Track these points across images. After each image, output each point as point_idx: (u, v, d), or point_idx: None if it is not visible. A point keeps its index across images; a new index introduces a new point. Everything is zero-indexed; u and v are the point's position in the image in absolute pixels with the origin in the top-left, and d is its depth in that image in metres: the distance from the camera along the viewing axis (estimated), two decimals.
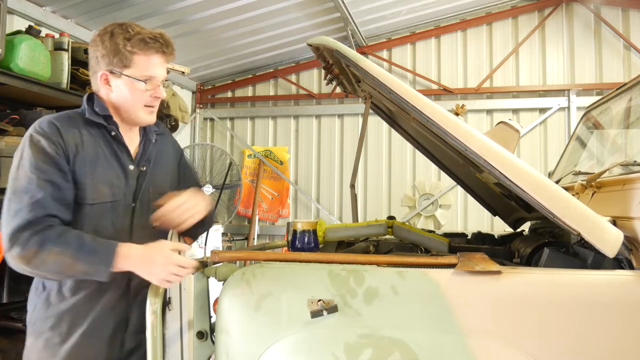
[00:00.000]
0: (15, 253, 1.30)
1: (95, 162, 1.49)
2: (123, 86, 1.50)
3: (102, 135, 1.55)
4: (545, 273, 1.36)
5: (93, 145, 1.50)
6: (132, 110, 1.54)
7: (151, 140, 1.66)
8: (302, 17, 4.79)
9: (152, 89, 1.52)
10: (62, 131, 1.45)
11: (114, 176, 1.53)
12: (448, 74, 5.38)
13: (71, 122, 1.51)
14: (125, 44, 1.46)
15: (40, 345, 1.46)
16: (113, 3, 3.95)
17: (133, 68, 1.48)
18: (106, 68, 1.50)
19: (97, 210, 1.48)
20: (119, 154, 1.56)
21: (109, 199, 1.50)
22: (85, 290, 1.47)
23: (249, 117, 5.98)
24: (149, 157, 1.64)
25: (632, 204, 1.49)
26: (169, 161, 1.73)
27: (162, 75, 1.54)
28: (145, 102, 1.53)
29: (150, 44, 1.47)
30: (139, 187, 1.58)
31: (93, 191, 1.46)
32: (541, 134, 5.12)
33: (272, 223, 5.79)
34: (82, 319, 1.47)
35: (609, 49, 4.98)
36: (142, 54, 1.48)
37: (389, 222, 2.11)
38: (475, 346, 1.30)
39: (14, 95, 3.05)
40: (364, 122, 2.39)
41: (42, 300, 1.49)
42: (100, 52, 1.49)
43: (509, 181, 1.40)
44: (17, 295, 2.63)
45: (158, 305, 1.42)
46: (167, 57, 1.54)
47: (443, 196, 5.25)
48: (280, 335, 1.40)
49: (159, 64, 1.52)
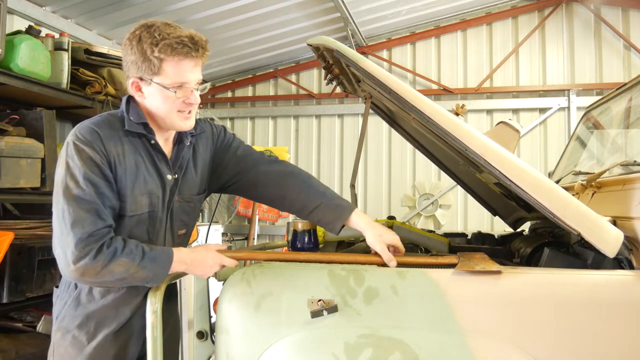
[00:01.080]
0: (83, 265, 1.28)
1: (136, 173, 1.44)
2: (155, 93, 1.42)
3: (142, 143, 1.48)
4: (546, 273, 1.36)
5: (133, 155, 1.45)
6: (167, 118, 1.46)
7: (185, 144, 1.56)
8: (302, 17, 4.79)
9: (185, 96, 1.42)
10: (104, 139, 1.39)
11: (154, 187, 1.49)
12: (448, 74, 5.38)
13: (112, 129, 1.43)
14: (152, 50, 1.36)
15: (67, 342, 1.48)
16: (113, 3, 3.95)
17: (162, 75, 1.39)
18: (136, 75, 1.42)
19: (134, 221, 1.46)
20: (157, 164, 1.50)
21: (147, 209, 1.47)
22: (115, 293, 1.48)
23: (249, 117, 5.98)
24: (181, 163, 1.56)
25: (632, 204, 1.49)
26: (200, 163, 1.63)
27: (195, 79, 1.43)
28: (179, 108, 1.44)
29: (178, 49, 1.36)
30: (172, 195, 1.54)
31: (133, 203, 1.43)
32: (541, 134, 5.12)
33: (272, 223, 5.79)
34: (110, 321, 1.48)
35: (609, 49, 4.98)
36: (170, 60, 1.37)
37: (389, 222, 2.10)
38: (475, 346, 1.30)
39: (14, 95, 3.06)
40: (364, 122, 2.38)
41: (73, 298, 1.50)
42: (129, 58, 1.41)
43: (509, 181, 1.40)
44: (17, 295, 2.63)
45: (158, 305, 1.42)
46: (199, 60, 1.43)
47: (443, 196, 5.25)
48: (280, 335, 1.41)
49: (189, 69, 1.41)
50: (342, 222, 1.56)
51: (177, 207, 1.56)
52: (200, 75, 1.46)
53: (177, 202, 1.55)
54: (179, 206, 1.56)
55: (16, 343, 2.68)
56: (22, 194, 2.76)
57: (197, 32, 1.43)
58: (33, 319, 2.88)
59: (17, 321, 2.86)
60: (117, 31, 4.46)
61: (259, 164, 1.69)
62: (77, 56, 3.28)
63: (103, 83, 3.34)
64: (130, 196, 1.42)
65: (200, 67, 1.45)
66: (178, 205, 1.56)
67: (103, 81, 3.35)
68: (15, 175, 2.67)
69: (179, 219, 1.57)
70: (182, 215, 1.58)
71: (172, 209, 1.55)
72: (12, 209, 3.11)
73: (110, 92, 3.39)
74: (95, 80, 3.32)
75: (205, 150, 1.65)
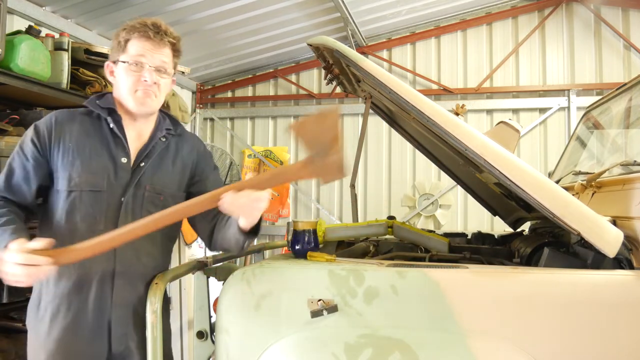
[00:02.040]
0: None
1: (78, 153, 1.53)
2: (120, 72, 1.58)
3: (99, 127, 1.60)
4: (546, 273, 1.36)
5: (82, 136, 1.56)
6: (124, 96, 1.58)
7: (158, 137, 1.65)
8: (302, 17, 4.79)
9: (137, 70, 1.55)
10: (55, 122, 1.56)
11: (99, 167, 1.54)
12: (448, 74, 5.38)
13: (70, 113, 1.61)
14: (121, 33, 1.58)
15: (31, 338, 1.54)
16: (113, 3, 3.95)
17: (126, 53, 1.57)
18: (110, 59, 1.62)
19: (74, 198, 1.51)
20: (111, 146, 1.57)
21: (88, 188, 1.51)
22: (66, 281, 1.50)
23: (249, 117, 5.98)
24: (150, 153, 1.62)
25: (632, 204, 1.49)
26: (179, 163, 1.69)
27: (154, 62, 1.57)
28: (135, 87, 1.56)
29: (139, 30, 1.56)
30: (132, 181, 1.56)
31: (68, 179, 1.51)
32: (541, 134, 5.12)
33: (272, 223, 5.79)
34: (63, 314, 1.49)
35: (609, 49, 4.98)
36: (133, 40, 1.56)
37: (389, 222, 2.10)
38: (475, 346, 1.30)
39: (14, 95, 3.05)
40: (364, 122, 2.39)
41: (33, 298, 1.56)
42: (111, 49, 1.61)
43: (509, 181, 1.40)
44: (17, 295, 2.62)
45: (158, 305, 1.42)
46: (161, 44, 1.58)
47: (443, 196, 5.25)
48: (280, 335, 1.41)
49: (148, 49, 1.56)
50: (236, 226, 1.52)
51: (146, 196, 1.58)
52: (164, 64, 1.59)
53: (147, 190, 1.58)
54: (147, 195, 1.58)
55: (16, 343, 2.68)
56: None
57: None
58: None
59: (17, 321, 2.86)
60: None
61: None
62: (77, 56, 3.28)
63: (103, 83, 3.34)
64: (65, 172, 1.52)
65: (162, 54, 1.59)
66: (147, 194, 1.58)
67: (103, 81, 3.35)
68: None
69: (146, 209, 1.56)
70: (149, 206, 1.58)
71: (137, 196, 1.57)
72: None
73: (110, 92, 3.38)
74: (96, 80, 3.32)
75: (187, 154, 1.72)
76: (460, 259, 1.93)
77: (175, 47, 1.66)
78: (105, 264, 1.50)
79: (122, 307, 1.53)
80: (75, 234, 1.47)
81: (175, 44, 1.65)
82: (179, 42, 1.67)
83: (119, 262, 1.52)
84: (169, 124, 1.70)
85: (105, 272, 1.51)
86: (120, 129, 1.59)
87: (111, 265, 1.51)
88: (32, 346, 1.53)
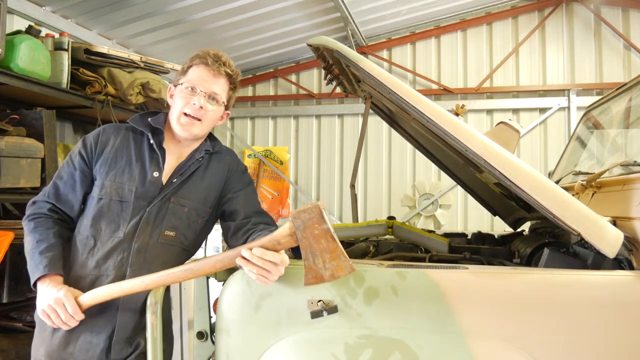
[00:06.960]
0: (23, 219, 1.63)
1: (115, 164, 1.62)
2: (175, 94, 1.68)
3: (140, 142, 1.67)
4: (546, 273, 1.36)
5: (122, 148, 1.65)
6: (172, 120, 1.65)
7: (195, 157, 1.69)
8: (302, 17, 4.79)
9: (190, 94, 1.62)
10: (101, 134, 1.67)
11: (129, 178, 1.60)
12: (448, 74, 5.38)
13: (117, 127, 1.71)
14: (188, 60, 1.68)
15: (35, 334, 1.60)
16: (113, 3, 3.95)
17: (185, 77, 1.66)
18: (172, 83, 1.71)
19: (101, 205, 1.58)
20: (145, 160, 1.64)
21: (115, 198, 1.58)
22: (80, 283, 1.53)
23: (249, 117, 5.98)
24: (185, 171, 1.66)
25: (632, 204, 1.49)
26: (207, 178, 1.71)
27: (208, 88, 1.63)
28: (184, 109, 1.62)
29: (200, 57, 1.65)
30: (160, 195, 1.60)
31: (102, 187, 1.59)
32: (541, 134, 5.12)
33: None
34: None
35: (609, 49, 4.98)
36: (194, 67, 1.66)
37: (389, 222, 2.11)
38: (475, 346, 1.30)
39: (14, 95, 3.06)
40: (364, 122, 2.39)
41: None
42: (177, 74, 1.72)
43: (509, 181, 1.40)
44: (17, 295, 2.63)
45: (158, 305, 1.42)
46: (218, 74, 1.64)
47: (443, 196, 5.25)
48: (280, 335, 1.40)
49: (205, 76, 1.63)
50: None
51: (170, 208, 1.61)
52: (218, 92, 1.65)
53: (172, 203, 1.62)
54: (171, 207, 1.61)
55: (16, 343, 2.68)
56: (22, 194, 2.76)
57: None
58: (33, 319, 2.87)
59: (17, 321, 2.86)
60: (117, 31, 4.46)
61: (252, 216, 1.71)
62: (77, 56, 3.28)
63: (103, 83, 3.34)
64: (100, 180, 1.61)
65: (217, 83, 1.65)
66: (171, 206, 1.61)
67: (103, 81, 3.35)
68: (15, 175, 2.67)
69: (169, 220, 1.60)
70: (172, 217, 1.61)
71: (162, 208, 1.60)
72: (12, 209, 3.11)
73: (110, 92, 3.39)
74: (95, 80, 3.32)
75: (218, 172, 1.75)
76: (460, 260, 1.93)
77: (232, 80, 1.71)
78: (118, 271, 1.53)
79: (129, 312, 1.53)
80: (97, 238, 1.55)
81: (232, 76, 1.70)
82: (238, 77, 1.73)
83: (132, 270, 1.53)
84: (208, 145, 1.73)
85: (117, 277, 1.52)
86: (159, 145, 1.65)
87: (123, 272, 1.53)
88: (36, 342, 1.59)
